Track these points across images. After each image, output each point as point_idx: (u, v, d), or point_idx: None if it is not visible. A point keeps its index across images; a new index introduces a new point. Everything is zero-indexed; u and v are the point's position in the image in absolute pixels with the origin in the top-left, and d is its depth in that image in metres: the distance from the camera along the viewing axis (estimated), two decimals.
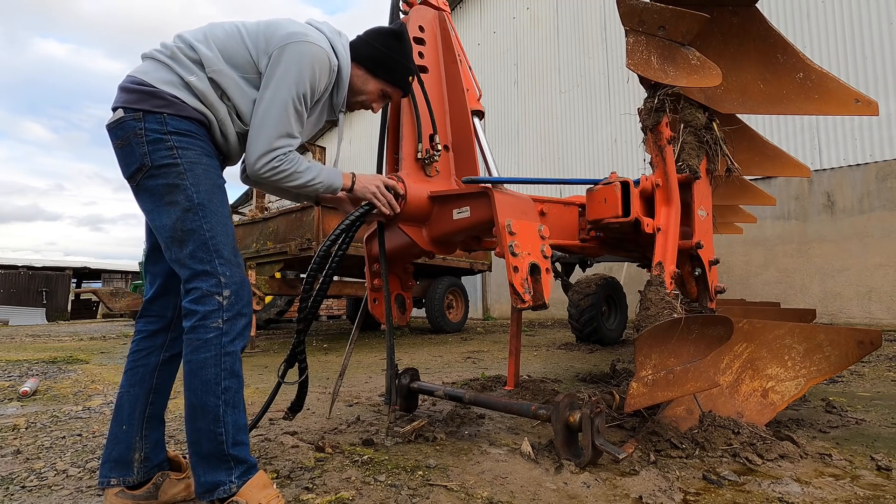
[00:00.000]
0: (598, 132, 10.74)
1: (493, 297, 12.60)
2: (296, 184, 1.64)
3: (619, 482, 1.69)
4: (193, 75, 1.52)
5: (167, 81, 1.50)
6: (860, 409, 2.66)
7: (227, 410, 1.42)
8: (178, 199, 1.46)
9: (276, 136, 1.55)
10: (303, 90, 1.57)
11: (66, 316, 21.95)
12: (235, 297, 1.47)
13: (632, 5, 2.02)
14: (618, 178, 2.43)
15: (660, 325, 1.77)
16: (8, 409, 3.07)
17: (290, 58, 1.56)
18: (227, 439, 1.41)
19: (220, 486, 1.40)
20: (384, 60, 1.82)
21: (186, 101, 1.51)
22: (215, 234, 1.48)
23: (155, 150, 1.46)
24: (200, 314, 1.43)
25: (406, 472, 1.81)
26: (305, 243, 5.95)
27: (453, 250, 2.52)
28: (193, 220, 1.46)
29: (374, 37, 1.84)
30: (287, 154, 1.59)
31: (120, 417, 1.59)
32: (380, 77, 1.85)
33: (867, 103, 2.35)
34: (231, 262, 1.50)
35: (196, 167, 1.49)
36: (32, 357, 5.68)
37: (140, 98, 1.48)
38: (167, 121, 1.47)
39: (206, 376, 1.41)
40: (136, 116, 1.47)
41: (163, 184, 1.47)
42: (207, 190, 1.50)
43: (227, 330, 1.44)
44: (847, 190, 7.57)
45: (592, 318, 5.67)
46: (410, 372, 2.57)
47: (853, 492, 1.59)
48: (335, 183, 1.77)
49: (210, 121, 1.56)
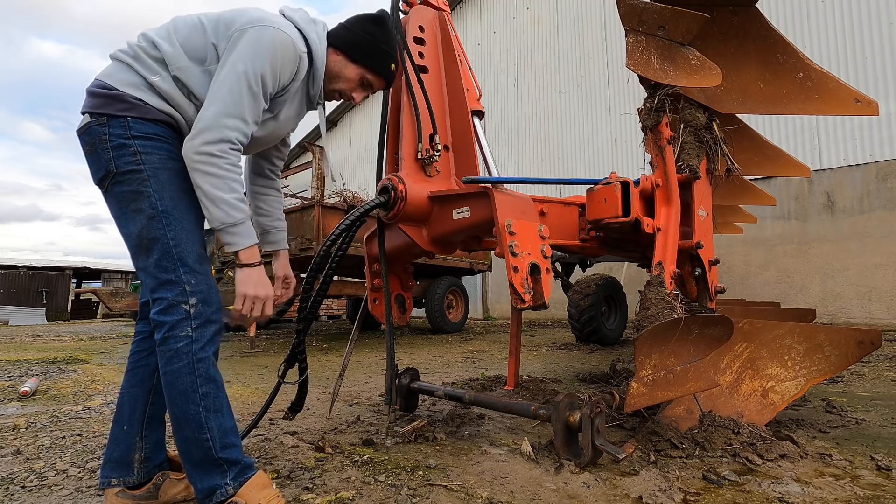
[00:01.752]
0: (598, 132, 10.74)
1: (493, 297, 12.61)
2: (215, 194, 1.41)
3: (619, 482, 1.69)
4: (156, 75, 1.47)
5: (130, 83, 1.46)
6: (860, 409, 2.66)
7: (210, 416, 1.41)
8: (143, 207, 1.42)
9: (224, 114, 1.43)
10: (260, 69, 1.47)
11: (66, 316, 21.95)
12: (203, 304, 1.45)
13: (632, 5, 2.02)
14: (618, 178, 2.43)
15: (660, 325, 1.77)
16: (8, 409, 3.07)
17: (248, 39, 1.48)
18: (214, 444, 1.40)
19: (217, 490, 1.40)
20: (363, 44, 1.74)
21: (150, 102, 1.46)
22: (179, 241, 1.44)
23: (119, 157, 1.42)
24: (169, 324, 1.41)
25: (406, 472, 1.81)
26: (305, 243, 5.95)
27: (453, 250, 2.52)
28: (157, 228, 1.42)
29: (354, 22, 1.77)
30: (233, 151, 1.44)
31: (121, 418, 1.60)
32: (359, 62, 1.75)
33: (867, 103, 2.35)
34: (196, 270, 1.46)
35: (160, 173, 1.44)
36: (32, 357, 5.68)
37: (104, 102, 1.44)
38: (131, 125, 1.43)
39: (183, 386, 1.40)
40: (100, 121, 1.43)
41: (127, 191, 1.43)
42: (172, 196, 1.45)
43: (196, 337, 1.42)
44: (847, 190, 7.57)
45: (592, 318, 5.67)
46: (410, 372, 2.57)
47: (853, 492, 1.59)
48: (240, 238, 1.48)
49: (177, 121, 1.50)
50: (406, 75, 2.37)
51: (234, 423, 1.49)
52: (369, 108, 16.66)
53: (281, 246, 1.92)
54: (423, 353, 5.61)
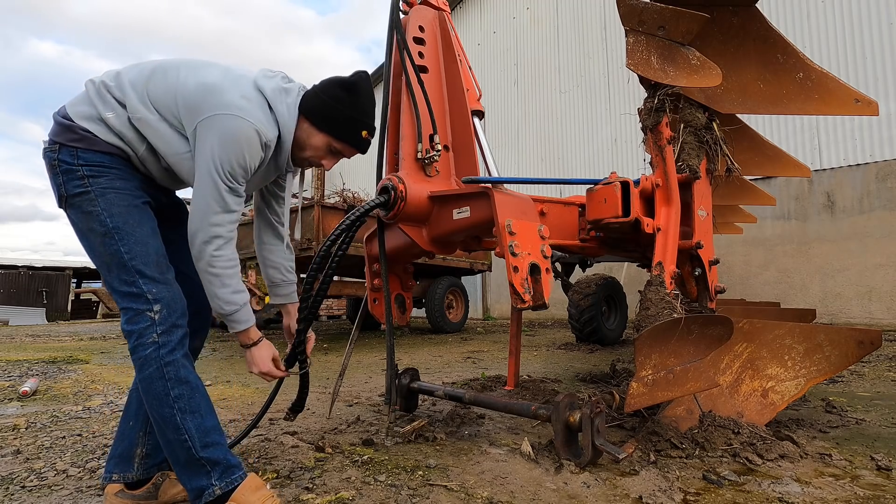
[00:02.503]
0: (598, 132, 10.73)
1: (493, 297, 12.60)
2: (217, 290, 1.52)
3: (619, 482, 1.69)
4: (111, 112, 1.50)
5: (84, 116, 1.50)
6: (860, 409, 2.66)
7: (186, 417, 1.43)
8: (94, 227, 1.48)
9: (210, 214, 1.50)
10: (228, 169, 1.49)
11: (66, 316, 21.93)
12: (167, 310, 1.48)
13: (632, 5, 2.02)
14: (618, 178, 2.43)
15: (660, 325, 1.77)
16: (8, 409, 3.07)
17: (214, 136, 1.48)
18: (194, 444, 1.42)
19: (205, 491, 1.42)
20: (328, 113, 1.67)
21: (100, 135, 1.49)
22: (134, 255, 1.48)
23: (68, 181, 1.48)
24: (136, 333, 1.45)
25: (406, 472, 1.81)
26: (305, 243, 5.95)
27: (453, 250, 2.52)
28: (111, 244, 1.47)
29: (322, 87, 1.70)
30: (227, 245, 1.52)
31: (128, 413, 1.64)
32: (323, 130, 1.69)
33: (867, 103, 2.35)
34: (156, 279, 1.49)
35: (107, 192, 1.49)
36: (32, 357, 5.68)
37: (59, 131, 1.50)
38: (79, 154, 1.48)
39: (156, 390, 1.43)
40: (53, 148, 1.49)
41: (80, 212, 1.49)
42: (121, 212, 1.49)
43: (163, 342, 1.45)
44: (847, 190, 7.57)
45: (592, 318, 5.67)
46: (410, 372, 2.57)
47: (853, 492, 1.59)
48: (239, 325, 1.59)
49: (128, 154, 1.54)
50: (406, 75, 2.37)
51: (216, 423, 1.49)
52: None
53: (290, 300, 1.92)
54: (423, 353, 5.61)
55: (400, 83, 2.44)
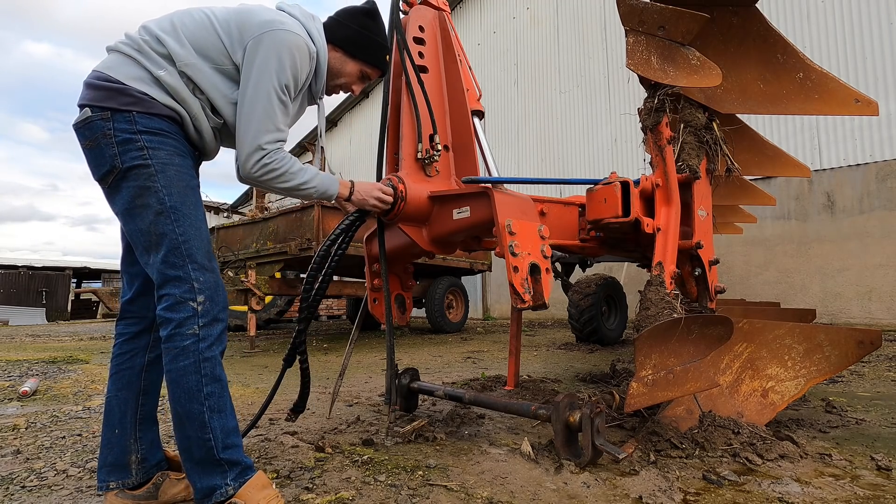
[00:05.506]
0: (598, 132, 10.73)
1: (493, 297, 12.60)
2: (287, 185, 1.59)
3: (619, 482, 1.69)
4: (163, 70, 1.45)
5: (136, 77, 1.43)
6: (860, 409, 2.66)
7: (213, 416, 1.40)
8: (150, 202, 1.41)
9: (263, 131, 1.50)
10: (285, 81, 1.52)
11: (66, 316, 21.93)
12: (210, 302, 1.44)
13: (632, 5, 2.02)
14: (618, 178, 2.43)
15: (660, 325, 1.77)
16: (8, 409, 3.07)
17: (268, 48, 1.49)
18: (216, 444, 1.40)
19: (217, 490, 1.39)
20: (361, 41, 1.77)
21: (156, 97, 1.44)
22: (188, 238, 1.43)
23: (125, 152, 1.40)
24: (175, 322, 1.40)
25: (406, 472, 1.81)
26: (305, 243, 5.95)
27: (453, 250, 2.52)
28: (165, 223, 1.41)
29: (347, 17, 1.78)
30: (277, 152, 1.54)
31: (111, 422, 1.57)
32: (358, 58, 1.79)
33: (867, 103, 2.35)
34: (205, 266, 1.45)
35: (168, 168, 1.43)
36: (32, 357, 5.68)
37: (107, 95, 1.41)
38: (136, 119, 1.41)
39: (188, 384, 1.39)
40: (104, 116, 1.40)
41: (134, 186, 1.41)
42: (180, 192, 1.44)
43: (203, 336, 1.41)
44: (847, 190, 7.57)
45: (592, 318, 5.67)
46: (410, 372, 2.57)
47: (853, 492, 1.59)
48: (330, 189, 1.73)
49: (182, 117, 1.49)
50: (406, 75, 2.37)
51: (237, 424, 1.49)
52: (369, 107, 16.66)
53: None
54: (423, 353, 5.60)
55: (400, 83, 2.44)
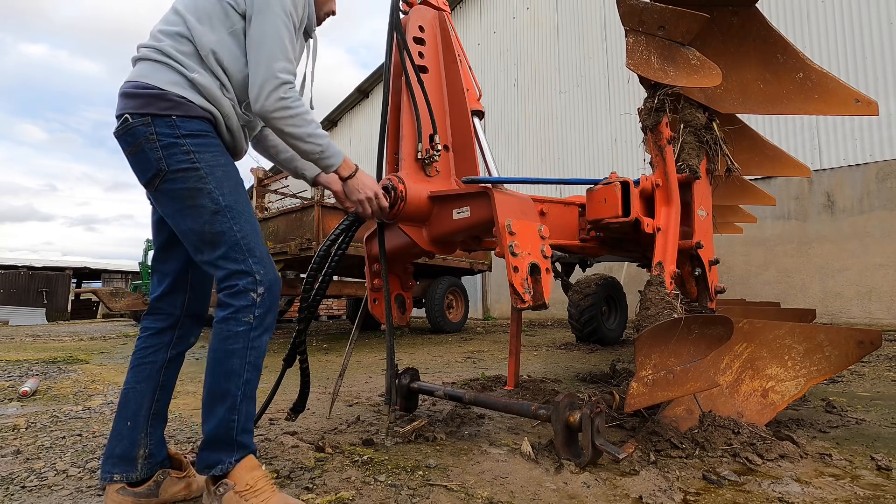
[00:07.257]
0: (598, 132, 10.74)
1: (493, 297, 12.60)
2: (297, 131, 1.54)
3: (619, 482, 1.69)
4: (196, 72, 1.49)
5: (173, 82, 1.48)
6: (860, 409, 2.66)
7: (245, 401, 1.48)
8: (204, 203, 1.46)
9: (275, 61, 1.49)
10: (289, 9, 1.55)
11: (66, 316, 21.94)
12: (268, 293, 1.50)
13: (632, 5, 2.02)
14: (618, 178, 2.43)
15: (660, 325, 1.77)
16: (8, 409, 3.07)
17: None
18: (237, 427, 1.46)
19: (219, 465, 1.45)
20: None
21: (193, 100, 1.48)
22: (246, 233, 1.49)
23: (170, 155, 1.44)
24: (234, 308, 1.46)
25: (406, 472, 1.81)
26: (305, 243, 5.95)
27: (453, 250, 2.52)
28: (222, 222, 1.47)
29: None
30: (293, 89, 1.53)
31: (125, 413, 1.60)
32: None
33: (867, 103, 2.35)
34: (264, 259, 1.52)
35: (216, 169, 1.49)
36: (32, 357, 5.68)
37: (146, 102, 1.45)
38: (177, 123, 1.45)
39: (232, 366, 1.46)
40: (144, 121, 1.44)
41: (183, 188, 1.46)
42: (231, 191, 1.50)
43: (256, 325, 1.48)
44: (847, 190, 7.57)
45: (592, 318, 5.67)
46: (410, 372, 2.57)
47: (853, 492, 1.59)
48: (334, 158, 1.66)
49: (216, 117, 1.54)
50: (406, 75, 2.37)
51: (255, 410, 1.56)
52: (369, 107, 16.67)
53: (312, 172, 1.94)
54: (423, 353, 5.60)
55: (400, 83, 2.44)
